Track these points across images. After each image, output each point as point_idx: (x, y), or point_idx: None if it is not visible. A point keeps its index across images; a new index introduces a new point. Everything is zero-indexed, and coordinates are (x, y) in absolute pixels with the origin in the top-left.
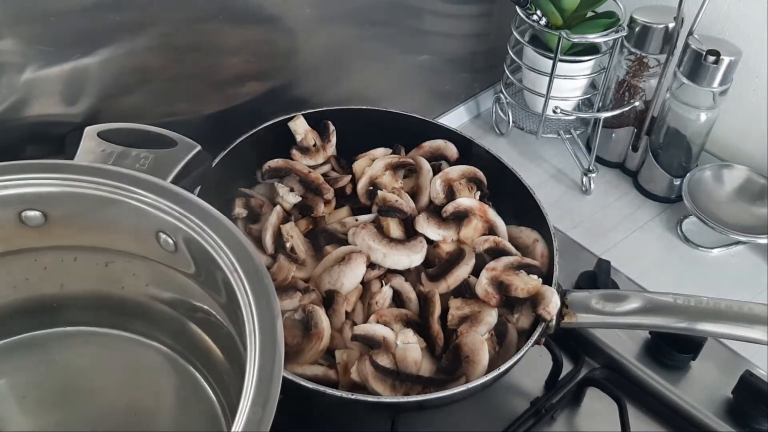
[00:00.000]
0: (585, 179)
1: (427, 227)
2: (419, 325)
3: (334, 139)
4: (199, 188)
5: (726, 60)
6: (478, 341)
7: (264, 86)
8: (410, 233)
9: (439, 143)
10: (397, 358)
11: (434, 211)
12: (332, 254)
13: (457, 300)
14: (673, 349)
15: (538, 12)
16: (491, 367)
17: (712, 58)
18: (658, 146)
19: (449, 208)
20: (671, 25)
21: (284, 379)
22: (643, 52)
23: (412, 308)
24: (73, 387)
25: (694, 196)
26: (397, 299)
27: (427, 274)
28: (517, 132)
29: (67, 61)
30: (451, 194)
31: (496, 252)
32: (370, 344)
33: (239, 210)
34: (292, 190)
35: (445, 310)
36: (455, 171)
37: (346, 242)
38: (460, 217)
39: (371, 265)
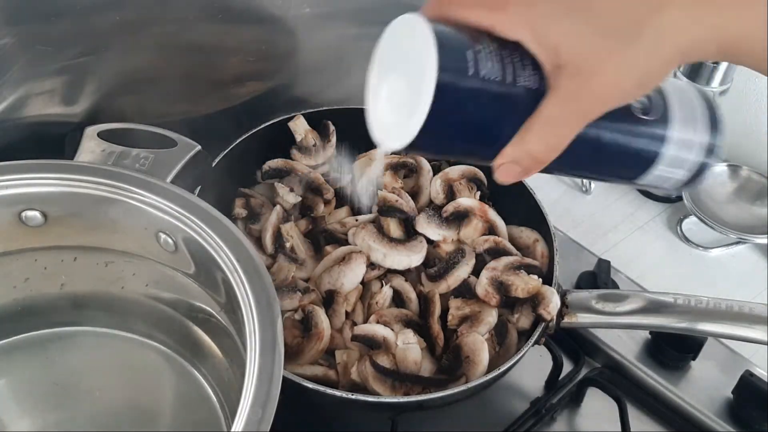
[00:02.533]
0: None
1: (427, 227)
2: (419, 325)
3: (334, 139)
4: (199, 188)
5: None
6: (479, 341)
7: (264, 86)
8: (410, 233)
9: None
10: (397, 358)
11: (434, 211)
12: (332, 254)
13: (457, 300)
14: (673, 349)
15: None
16: (491, 367)
17: None
18: None
19: (449, 208)
20: None
21: (284, 379)
22: None
23: (412, 308)
24: (73, 387)
25: (694, 196)
26: (397, 299)
27: (427, 274)
28: None
29: (67, 61)
30: (451, 194)
31: (497, 252)
32: (370, 344)
33: (239, 210)
34: (292, 190)
35: (445, 310)
36: (455, 171)
37: (346, 242)
38: (460, 217)
39: (371, 265)
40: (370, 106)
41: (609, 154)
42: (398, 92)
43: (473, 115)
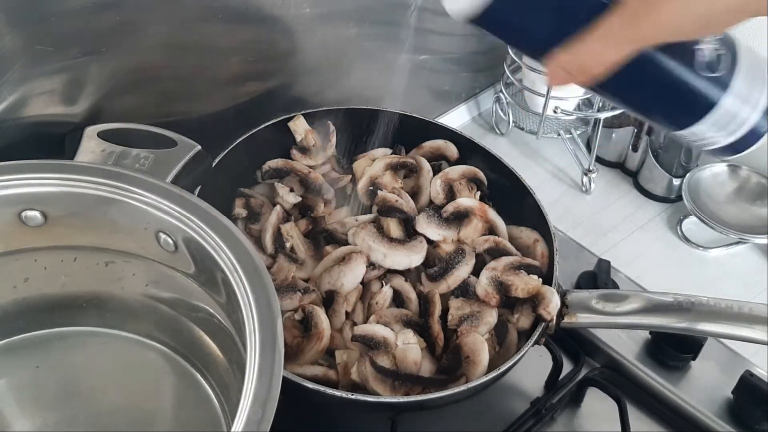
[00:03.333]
0: (585, 179)
1: (427, 227)
2: (419, 325)
3: (334, 139)
4: (199, 188)
5: None
6: (479, 341)
7: (264, 86)
8: (410, 233)
9: (439, 143)
10: (397, 358)
11: (434, 211)
12: (332, 254)
13: (457, 300)
14: (673, 349)
15: None
16: (491, 367)
17: None
18: (658, 146)
19: (449, 208)
20: None
21: (284, 379)
22: None
23: (413, 308)
24: (73, 387)
25: (694, 196)
26: (397, 299)
27: (427, 274)
28: (517, 132)
29: (67, 61)
30: (451, 194)
31: (497, 252)
32: (370, 344)
33: (239, 210)
34: (292, 190)
35: (445, 310)
36: (455, 171)
37: (346, 242)
38: (460, 217)
39: (371, 265)
40: None
41: (663, 89)
42: None
43: (534, 5)
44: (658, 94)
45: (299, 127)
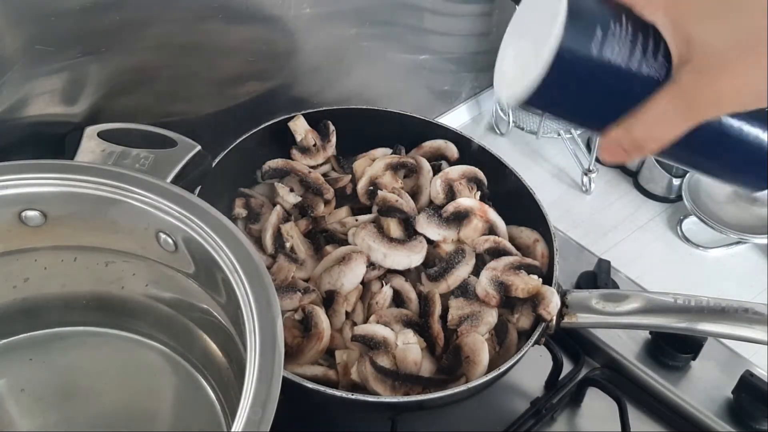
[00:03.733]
0: (585, 179)
1: (427, 227)
2: (419, 325)
3: (334, 139)
4: (199, 188)
5: None
6: (479, 341)
7: (264, 86)
8: (410, 233)
9: (439, 143)
10: (397, 358)
11: (434, 211)
12: (332, 254)
13: (457, 300)
14: (673, 349)
15: None
16: (491, 367)
17: None
18: None
19: (449, 208)
20: None
21: (284, 379)
22: None
23: (413, 308)
24: (73, 387)
25: (694, 196)
26: (398, 299)
27: (427, 274)
28: (517, 132)
29: (67, 61)
30: (451, 194)
31: (497, 252)
32: (370, 344)
33: (239, 210)
34: (292, 190)
35: (445, 310)
36: (455, 171)
37: (346, 242)
38: (460, 217)
39: (371, 265)
40: (499, 59)
41: (730, 155)
42: (524, 53)
43: (586, 89)
44: (725, 160)
45: (299, 127)
